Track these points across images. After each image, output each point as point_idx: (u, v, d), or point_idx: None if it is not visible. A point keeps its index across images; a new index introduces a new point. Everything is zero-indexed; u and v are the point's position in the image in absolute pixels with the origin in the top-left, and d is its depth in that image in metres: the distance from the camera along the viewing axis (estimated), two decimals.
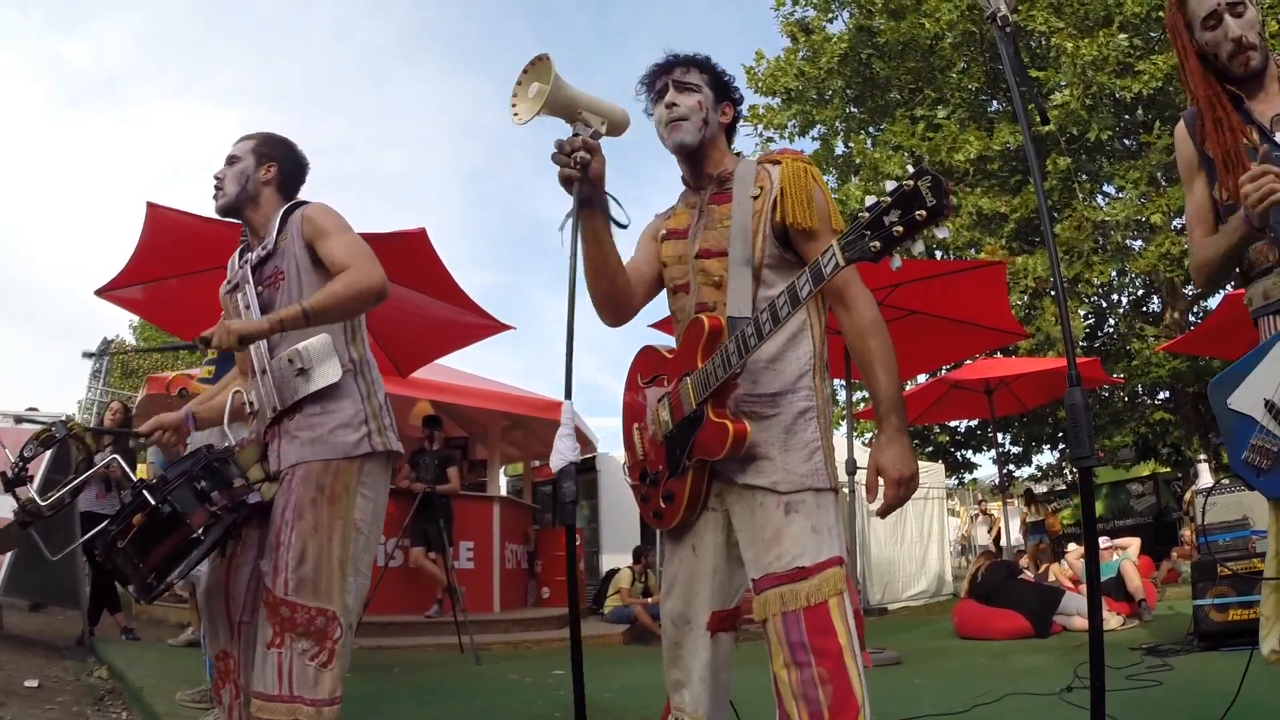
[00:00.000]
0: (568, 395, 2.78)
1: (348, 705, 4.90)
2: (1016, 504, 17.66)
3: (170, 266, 6.92)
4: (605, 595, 11.64)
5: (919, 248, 1.95)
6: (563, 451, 2.67)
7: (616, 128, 2.72)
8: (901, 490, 2.36)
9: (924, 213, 1.88)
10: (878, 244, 1.94)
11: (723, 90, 2.68)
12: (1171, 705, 4.63)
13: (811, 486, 2.37)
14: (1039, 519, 16.80)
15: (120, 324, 39.25)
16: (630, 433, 2.71)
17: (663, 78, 2.64)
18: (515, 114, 2.64)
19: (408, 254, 6.69)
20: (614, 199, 2.63)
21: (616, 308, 2.73)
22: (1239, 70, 2.64)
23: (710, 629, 2.50)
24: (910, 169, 1.95)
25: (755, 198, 2.51)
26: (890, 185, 1.95)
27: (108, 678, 5.79)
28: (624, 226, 2.67)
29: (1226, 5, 2.60)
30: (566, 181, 2.52)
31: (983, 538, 16.50)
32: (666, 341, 2.79)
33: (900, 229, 1.91)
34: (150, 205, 6.29)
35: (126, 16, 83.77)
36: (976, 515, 24.75)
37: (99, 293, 7.00)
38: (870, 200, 1.98)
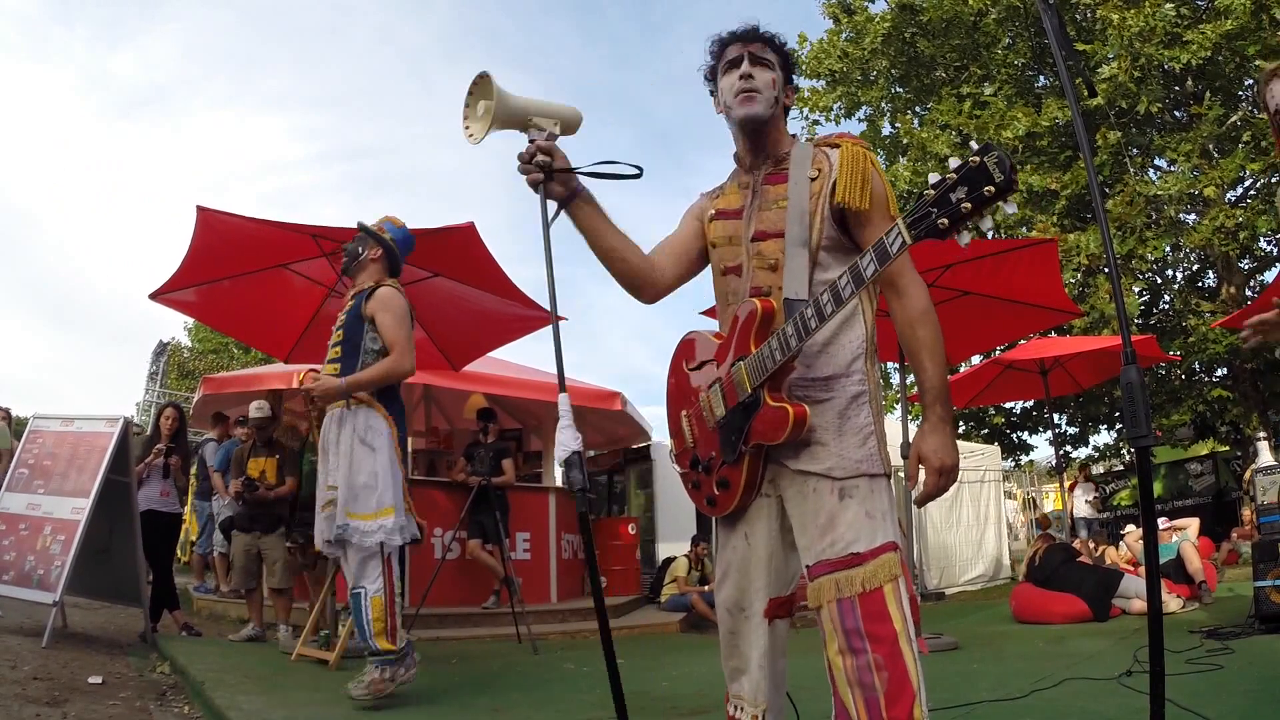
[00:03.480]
0: (561, 389, 2.81)
1: (407, 696, 4.97)
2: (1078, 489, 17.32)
3: (221, 268, 7.02)
4: (662, 584, 11.66)
5: (988, 224, 1.94)
6: (564, 443, 2.71)
7: (569, 126, 2.75)
8: (943, 480, 2.35)
9: (992, 189, 1.86)
10: (945, 221, 1.93)
11: (789, 73, 2.68)
12: (1232, 689, 4.55)
13: (865, 472, 2.36)
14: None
15: (175, 326, 39.87)
16: (678, 419, 2.70)
17: (738, 47, 2.62)
18: (470, 135, 2.69)
19: (457, 248, 6.74)
20: (607, 164, 2.66)
21: (641, 285, 2.75)
22: None
23: (767, 616, 2.49)
24: (972, 143, 1.93)
25: (813, 179, 2.49)
26: (954, 162, 1.93)
27: (170, 673, 5.87)
28: (638, 175, 2.72)
29: None
30: (534, 186, 2.61)
31: (1082, 509, 16.12)
32: (713, 327, 2.78)
33: (968, 205, 1.89)
34: (200, 209, 6.38)
35: (171, 28, 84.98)
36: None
37: (153, 296, 7.11)
38: (934, 178, 1.96)
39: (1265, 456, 14.78)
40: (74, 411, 7.27)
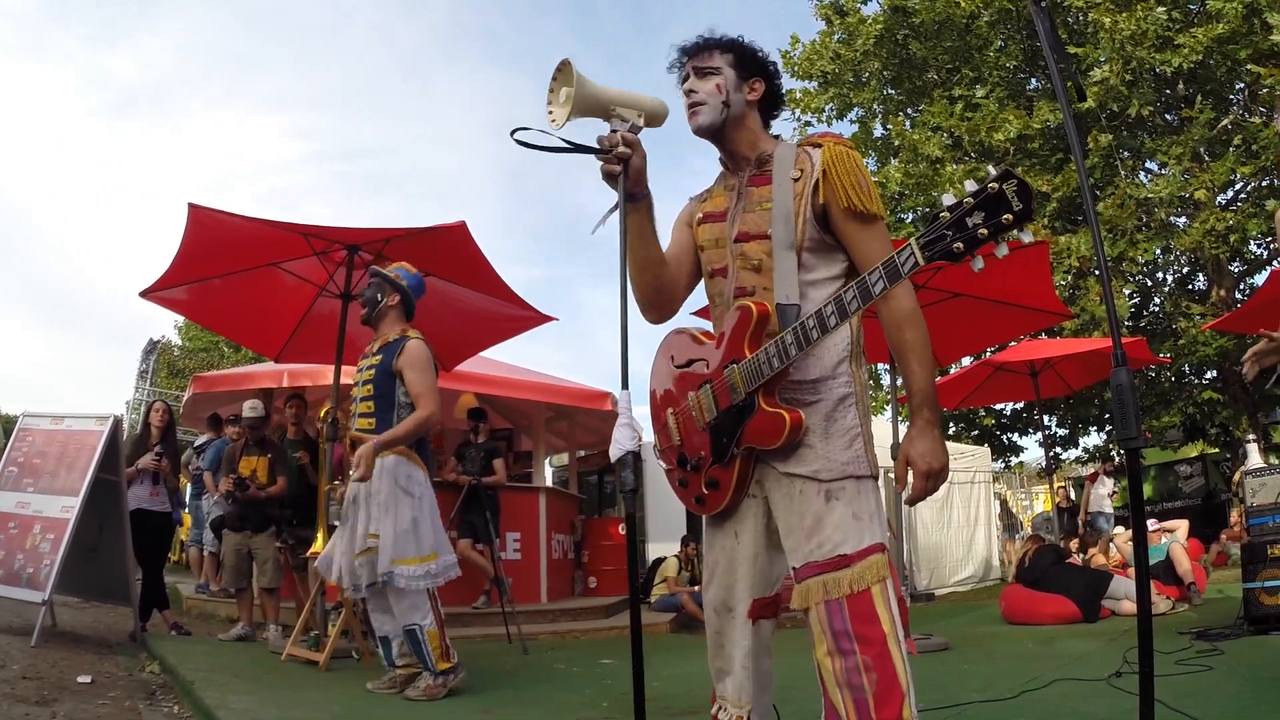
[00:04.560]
0: (624, 385, 2.76)
1: (395, 696, 4.98)
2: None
3: (212, 267, 7.00)
4: (652, 584, 11.66)
5: (1003, 250, 1.94)
6: (620, 441, 2.67)
7: (655, 119, 2.71)
8: (930, 482, 2.36)
9: (1010, 217, 1.87)
10: (960, 245, 1.93)
11: (749, 66, 2.64)
12: (1222, 690, 4.57)
13: (852, 474, 2.37)
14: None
15: (166, 325, 39.78)
16: (664, 417, 2.70)
17: (684, 65, 2.64)
18: (553, 120, 2.65)
19: (449, 248, 6.73)
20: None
21: (661, 303, 2.74)
22: None
23: (751, 617, 2.50)
24: (990, 169, 1.92)
25: (796, 180, 2.49)
26: (971, 186, 1.93)
27: (159, 673, 5.85)
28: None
29: None
30: (609, 177, 2.55)
31: (1104, 504, 15.89)
32: (701, 325, 2.78)
33: (985, 231, 1.90)
34: (192, 206, 6.35)
35: (167, 27, 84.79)
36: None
37: (144, 294, 7.09)
38: (948, 199, 1.96)
39: (1254, 459, 14.84)
40: (64, 410, 7.25)
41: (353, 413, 5.54)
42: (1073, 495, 17.62)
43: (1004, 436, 19.91)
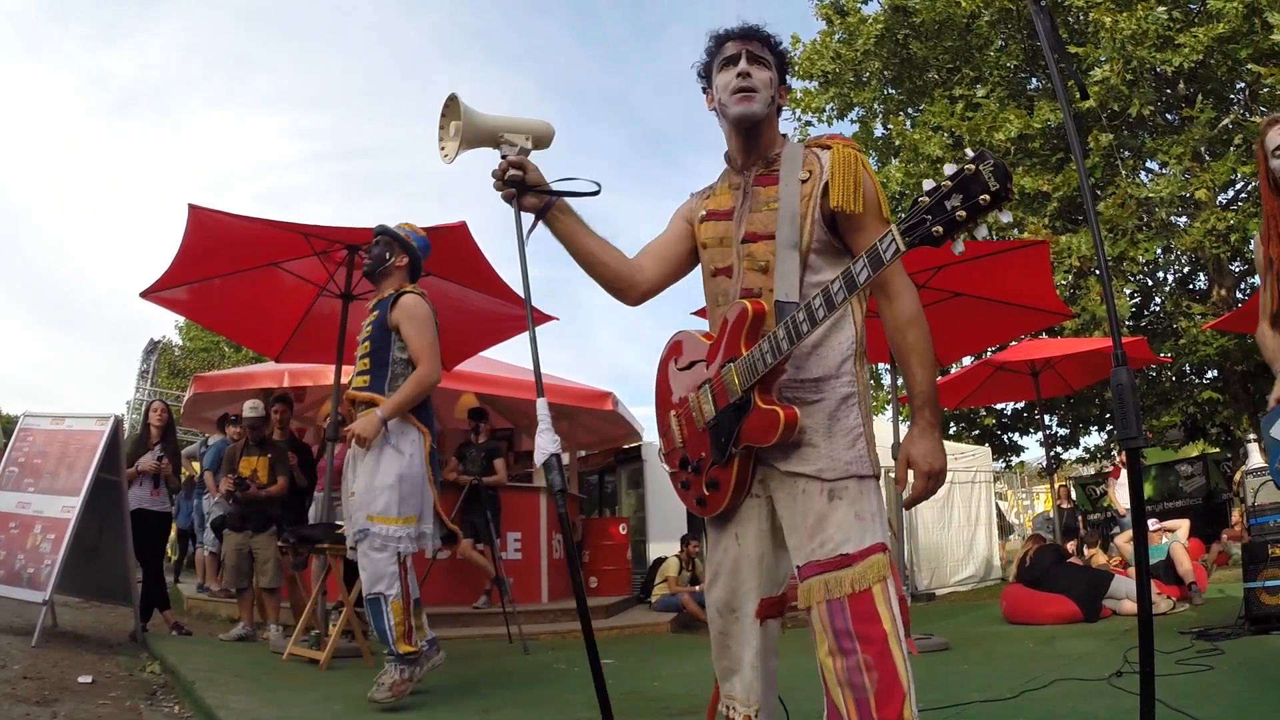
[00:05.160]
0: (539, 393, 2.87)
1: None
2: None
3: (213, 267, 7.01)
4: (653, 584, 11.66)
5: (982, 232, 1.94)
6: (544, 446, 2.74)
7: (541, 141, 2.78)
8: (931, 483, 2.37)
9: (988, 197, 1.87)
10: (940, 229, 1.93)
11: (782, 72, 2.67)
12: (1222, 689, 4.56)
13: (855, 473, 2.36)
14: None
15: (166, 325, 39.77)
16: (667, 419, 2.70)
17: (737, 44, 2.61)
18: (444, 154, 2.72)
19: (449, 247, 6.73)
20: (568, 180, 2.69)
21: (623, 288, 2.76)
22: None
23: (758, 616, 2.49)
24: (968, 151, 1.93)
25: (804, 181, 2.48)
26: (950, 169, 1.93)
27: (160, 673, 5.85)
28: (596, 193, 2.73)
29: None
30: (508, 200, 2.65)
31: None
32: (703, 328, 2.78)
33: (963, 214, 1.89)
34: (192, 207, 6.36)
35: (167, 27, 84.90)
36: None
37: (144, 294, 7.10)
38: (928, 184, 1.96)
39: (1255, 458, 14.78)
40: (65, 410, 7.25)
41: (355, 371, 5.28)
42: (1073, 495, 17.53)
43: (1005, 436, 19.92)
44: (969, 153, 1.92)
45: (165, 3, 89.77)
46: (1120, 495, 14.89)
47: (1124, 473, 14.86)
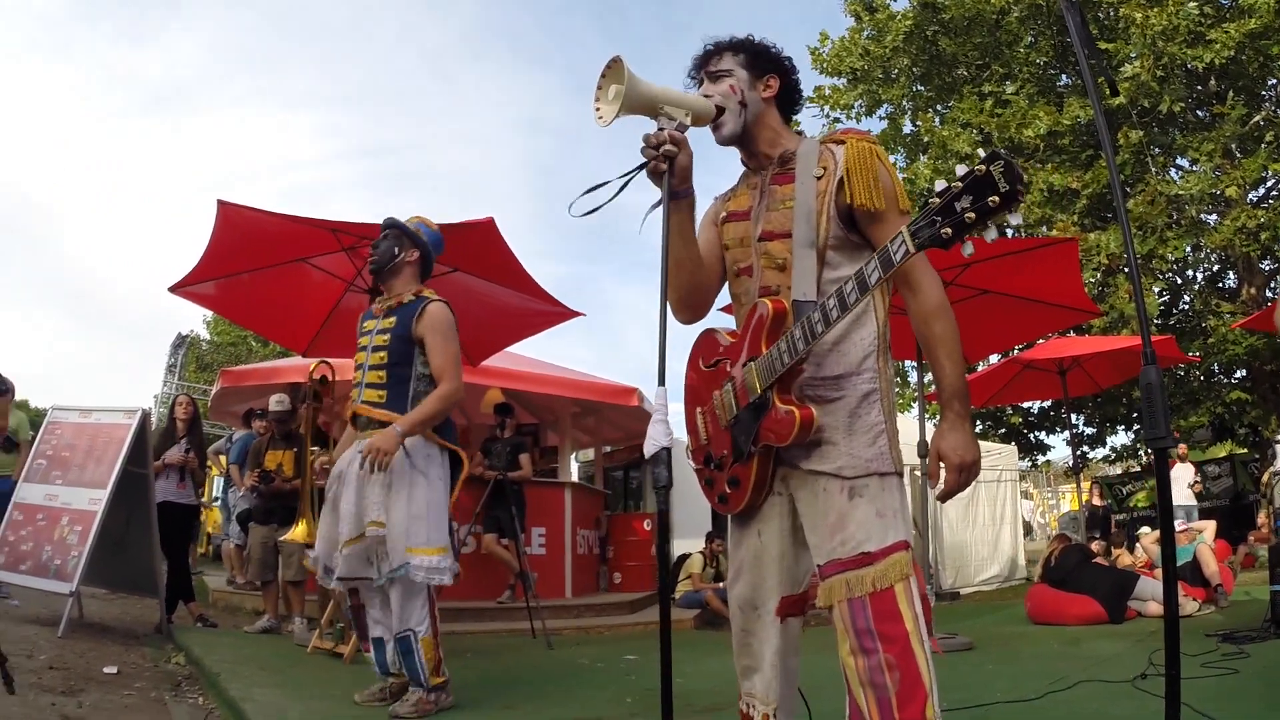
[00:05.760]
0: (661, 382, 2.74)
1: (383, 709, 4.99)
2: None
3: (241, 262, 7.04)
4: (676, 580, 11.66)
5: (992, 234, 1.93)
6: (655, 437, 2.65)
7: (701, 118, 2.70)
8: (963, 476, 2.35)
9: (997, 199, 1.85)
10: (949, 231, 1.92)
11: (762, 63, 2.65)
12: (1248, 693, 4.53)
13: (876, 471, 2.36)
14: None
15: (195, 319, 40.09)
16: (694, 417, 2.70)
17: (697, 74, 2.65)
18: (600, 117, 2.65)
19: (476, 243, 6.75)
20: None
21: (694, 303, 2.74)
22: None
23: (779, 614, 2.49)
24: (980, 151, 1.91)
25: (819, 178, 2.47)
26: (960, 169, 1.92)
27: (185, 664, 5.90)
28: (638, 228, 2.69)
29: None
30: (655, 175, 2.53)
31: (1182, 495, 14.50)
32: (731, 325, 2.78)
33: (972, 215, 1.88)
34: (221, 203, 6.41)
35: (195, 25, 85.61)
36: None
37: (173, 289, 7.14)
38: (940, 185, 1.95)
39: None
40: (92, 403, 7.31)
41: (356, 382, 4.82)
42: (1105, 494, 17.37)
43: (1031, 435, 19.82)
44: (981, 154, 1.91)
45: (193, 2, 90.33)
46: (1177, 489, 14.46)
47: (1177, 466, 14.59)
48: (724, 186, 2.83)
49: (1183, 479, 14.55)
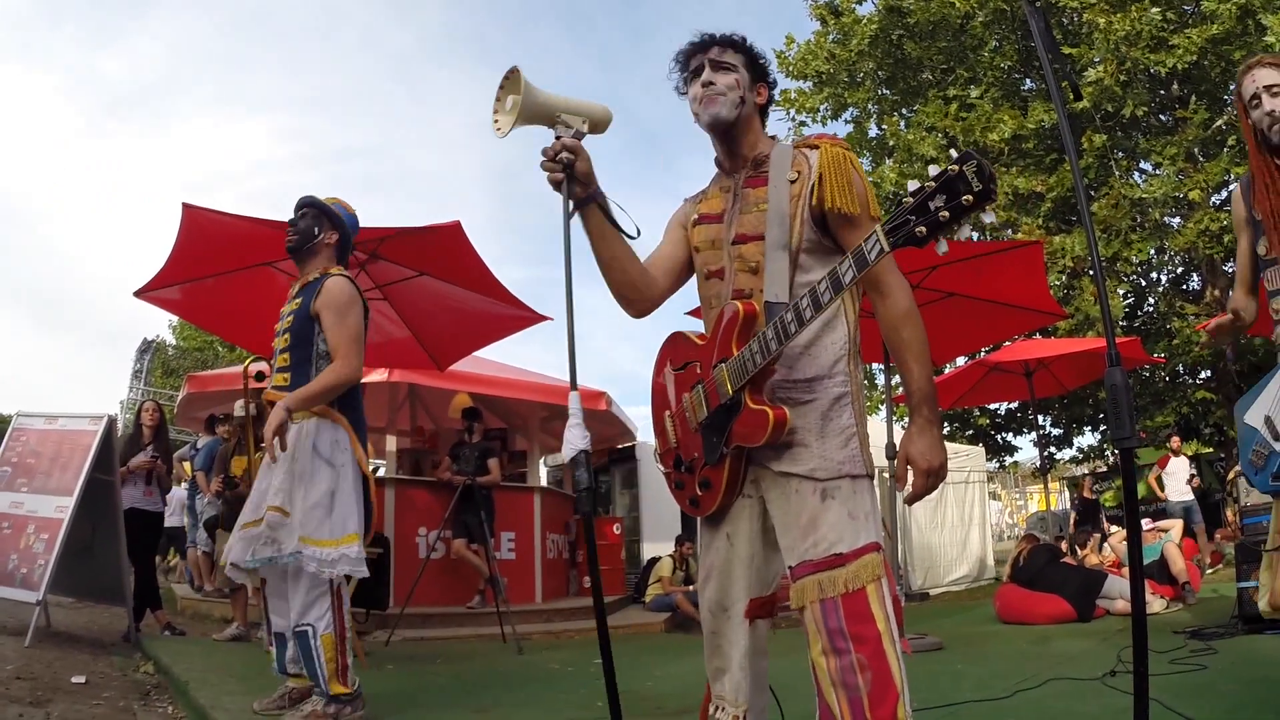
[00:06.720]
0: (573, 387, 2.78)
1: (391, 697, 4.96)
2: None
3: (206, 266, 6.99)
4: (647, 584, 11.67)
5: (965, 232, 1.94)
6: (572, 441, 2.68)
7: (598, 125, 2.73)
8: (930, 480, 2.36)
9: (970, 198, 1.86)
10: (923, 229, 1.93)
11: (758, 71, 2.66)
12: (1216, 689, 4.57)
13: (848, 473, 2.37)
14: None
15: (160, 324, 39.77)
16: (662, 420, 2.70)
17: (699, 56, 2.63)
18: (498, 128, 2.67)
19: (443, 247, 6.73)
20: (619, 207, 2.67)
21: (634, 298, 2.73)
22: (1276, 140, 3.25)
23: (748, 616, 2.49)
24: (952, 152, 1.93)
25: (792, 182, 2.48)
26: (934, 170, 1.93)
27: (154, 673, 5.85)
28: (634, 238, 2.70)
29: (1264, 88, 3.26)
30: (555, 185, 2.58)
31: (1179, 492, 14.05)
32: (699, 328, 2.78)
33: (946, 214, 1.89)
34: (186, 206, 6.35)
35: (159, 28, 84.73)
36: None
37: (138, 294, 7.08)
38: (913, 185, 1.96)
39: None
40: (58, 409, 7.24)
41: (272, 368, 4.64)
42: (1087, 490, 17.42)
43: (998, 436, 19.96)
44: (953, 154, 1.92)
45: (157, 5, 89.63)
46: (1172, 486, 14.38)
47: (1172, 461, 14.56)
48: (687, 189, 2.84)
49: (1180, 474, 14.28)
